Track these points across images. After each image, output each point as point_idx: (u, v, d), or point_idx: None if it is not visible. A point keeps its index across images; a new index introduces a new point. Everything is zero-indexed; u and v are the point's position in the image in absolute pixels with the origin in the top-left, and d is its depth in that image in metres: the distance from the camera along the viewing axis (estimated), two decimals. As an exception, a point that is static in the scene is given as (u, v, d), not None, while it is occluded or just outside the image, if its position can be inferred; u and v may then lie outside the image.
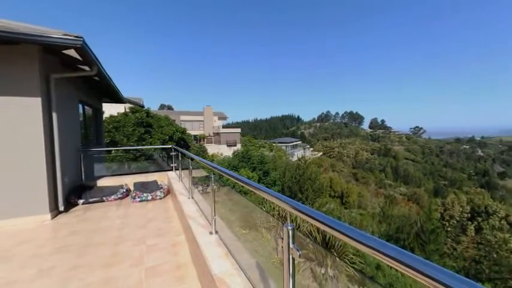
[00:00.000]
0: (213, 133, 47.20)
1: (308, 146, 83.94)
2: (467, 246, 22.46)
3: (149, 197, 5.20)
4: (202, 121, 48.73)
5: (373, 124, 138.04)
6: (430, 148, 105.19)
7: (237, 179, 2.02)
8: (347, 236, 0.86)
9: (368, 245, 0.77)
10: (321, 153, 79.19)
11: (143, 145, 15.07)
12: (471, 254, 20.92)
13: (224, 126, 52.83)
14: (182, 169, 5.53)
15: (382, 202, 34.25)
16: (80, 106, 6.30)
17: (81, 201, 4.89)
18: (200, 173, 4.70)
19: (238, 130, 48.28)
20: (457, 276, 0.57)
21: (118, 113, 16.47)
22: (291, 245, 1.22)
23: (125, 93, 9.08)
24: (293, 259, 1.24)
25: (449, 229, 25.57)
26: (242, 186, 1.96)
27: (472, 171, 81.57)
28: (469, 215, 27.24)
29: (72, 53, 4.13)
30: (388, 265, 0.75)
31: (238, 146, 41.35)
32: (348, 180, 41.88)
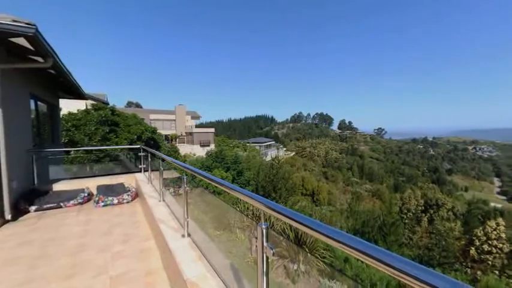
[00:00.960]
0: (186, 133, 45.75)
1: (281, 146, 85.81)
2: (422, 236, 24.97)
3: (115, 201, 4.85)
4: (174, 120, 46.94)
5: (342, 125, 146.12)
6: (391, 148, 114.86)
7: (210, 179, 1.99)
8: (318, 232, 0.90)
9: (337, 239, 0.81)
10: (294, 153, 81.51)
11: (108, 145, 14.00)
12: (425, 242, 23.30)
13: (197, 126, 51.53)
14: (152, 170, 5.26)
15: (350, 199, 36.49)
16: (32, 101, 5.63)
17: (33, 208, 4.37)
18: (172, 174, 4.52)
19: (212, 130, 47.48)
20: (412, 263, 0.63)
21: (78, 110, 15.07)
22: (264, 244, 1.23)
23: (88, 88, 8.35)
24: (267, 258, 1.25)
25: (406, 221, 28.17)
26: (216, 187, 1.93)
27: (425, 169, 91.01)
28: (423, 207, 30.32)
29: (22, 41, 3.67)
30: (355, 257, 0.81)
31: (212, 146, 40.68)
32: (318, 179, 43.74)
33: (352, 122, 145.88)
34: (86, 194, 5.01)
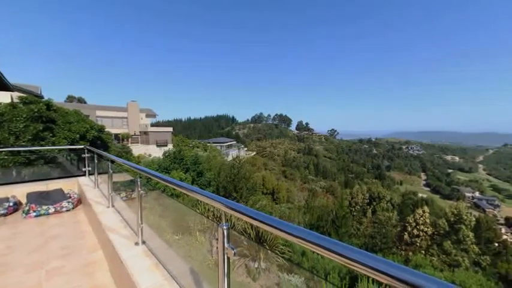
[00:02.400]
0: (140, 132, 42.31)
1: (242, 146, 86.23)
2: (367, 226, 28.02)
3: (51, 210, 4.20)
4: (126, 118, 42.95)
5: (299, 126, 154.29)
6: (342, 147, 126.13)
7: (167, 181, 1.88)
8: (277, 229, 0.93)
9: (294, 234, 0.86)
10: (255, 152, 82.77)
11: (42, 146, 12.01)
12: (369, 231, 26.20)
13: (153, 125, 48.13)
14: (99, 174, 4.71)
15: (306, 195, 38.76)
16: None
17: None
18: (123, 177, 4.13)
19: (170, 129, 44.95)
20: (359, 250, 0.71)
21: (1, 104, 12.55)
22: (225, 245, 1.23)
23: (17, 79, 7.02)
24: (228, 258, 1.25)
25: (354, 213, 31.27)
26: (174, 189, 1.84)
27: (369, 166, 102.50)
28: (368, 200, 34.08)
29: None
30: (311, 250, 0.86)
31: (170, 146, 38.50)
32: (278, 178, 45.35)
33: (309, 123, 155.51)
34: (10, 204, 4.21)
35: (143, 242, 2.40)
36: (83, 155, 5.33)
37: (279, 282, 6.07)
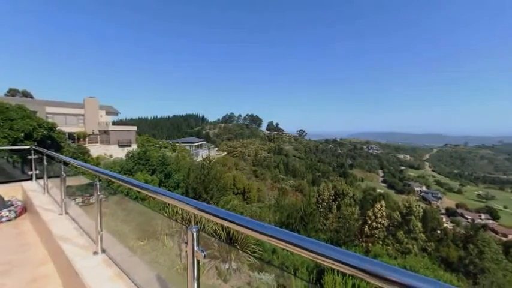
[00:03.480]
0: (99, 131, 38.82)
1: (213, 146, 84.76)
2: (332, 221, 29.71)
3: (-13, 221, 3.62)
4: (83, 115, 39.06)
5: (270, 126, 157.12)
6: (310, 147, 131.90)
7: (131, 184, 1.76)
8: (248, 228, 0.94)
9: (265, 233, 0.88)
10: (225, 152, 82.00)
11: (-26, 146, 10.29)
12: (335, 226, 27.84)
13: (115, 123, 44.56)
14: (49, 177, 4.20)
15: (277, 194, 39.64)
16: None
17: None
18: (79, 181, 3.75)
19: (134, 128, 42.10)
20: (325, 245, 0.75)
21: None
22: (195, 248, 1.19)
23: None
24: (198, 261, 1.22)
25: (321, 210, 32.92)
26: (138, 192, 1.73)
27: (335, 164, 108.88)
28: (333, 197, 36.15)
29: None
30: (281, 247, 0.89)
31: (134, 147, 36.06)
32: (249, 177, 45.61)
33: (279, 123, 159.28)
34: None
35: (103, 251, 2.21)
36: (29, 157, 4.71)
37: (250, 282, 6.11)
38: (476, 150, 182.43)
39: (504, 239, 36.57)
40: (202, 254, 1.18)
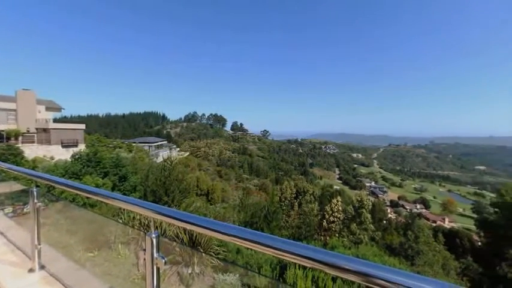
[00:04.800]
0: (37, 129, 33.63)
1: (175, 146, 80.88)
2: (294, 218, 31.05)
3: None
4: (14, 110, 33.32)
5: (234, 126, 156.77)
6: (273, 147, 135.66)
7: (77, 189, 1.57)
8: (211, 229, 0.93)
9: (228, 233, 0.88)
10: (188, 153, 79.05)
11: None
12: (296, 222, 29.14)
13: (57, 121, 39.11)
14: (-33, 184, 3.47)
15: (241, 194, 39.76)
16: None
17: None
18: (9, 188, 3.20)
19: (82, 126, 37.58)
20: (285, 240, 0.79)
21: None
22: (155, 255, 1.13)
23: None
24: (158, 269, 1.15)
25: (284, 207, 34.14)
26: (87, 198, 1.56)
27: (296, 164, 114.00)
28: (295, 195, 37.84)
29: None
30: (245, 247, 0.90)
31: (82, 147, 32.19)
32: (213, 178, 44.77)
33: (243, 123, 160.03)
34: None
35: (42, 267, 1.92)
36: None
37: (214, 284, 6.01)
38: (413, 149, 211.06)
39: (434, 224, 43.08)
40: (163, 261, 1.12)
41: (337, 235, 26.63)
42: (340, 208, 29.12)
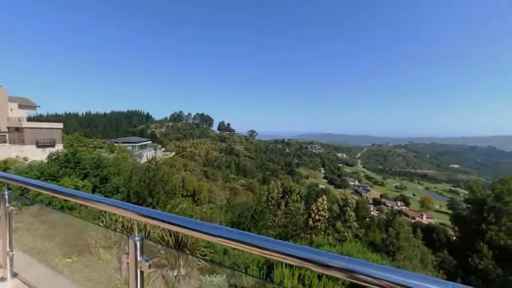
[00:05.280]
0: (9, 128, 31.54)
1: (160, 146, 78.94)
2: (281, 217, 31.33)
3: None
4: (-17, 108, 31.04)
5: (221, 126, 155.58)
6: (260, 147, 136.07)
7: (55, 191, 1.49)
8: (197, 231, 0.91)
9: (214, 234, 0.87)
10: (174, 153, 77.44)
11: None
12: (283, 222, 29.42)
13: (32, 119, 36.89)
14: None
15: (228, 194, 39.52)
16: None
17: None
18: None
19: (60, 125, 35.70)
20: (272, 240, 0.79)
21: None
22: (138, 258, 1.09)
23: None
24: (142, 273, 1.12)
25: (271, 207, 34.34)
26: (65, 201, 1.48)
27: (283, 163, 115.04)
28: (282, 194, 38.19)
29: None
30: (232, 247, 0.90)
31: (59, 147, 30.59)
32: (199, 178, 44.15)
33: (230, 123, 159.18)
34: None
35: (14, 275, 1.81)
36: None
37: (201, 286, 5.93)
38: (394, 149, 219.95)
39: (413, 220, 45.17)
40: (147, 264, 1.09)
41: (322, 233, 27.18)
42: (326, 207, 29.75)
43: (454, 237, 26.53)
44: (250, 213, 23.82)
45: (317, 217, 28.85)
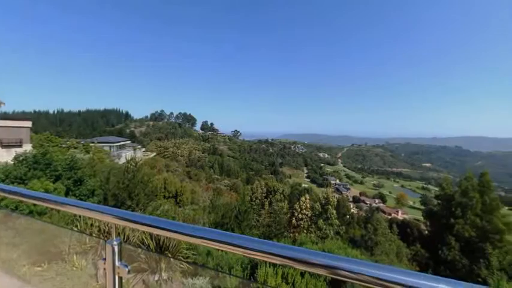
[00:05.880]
0: (-33, 126, 28.72)
1: (140, 146, 76.09)
2: (265, 217, 31.52)
3: None
4: None
5: (204, 126, 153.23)
6: (244, 147, 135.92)
7: (22, 195, 1.38)
8: (179, 233, 0.89)
9: (197, 236, 0.85)
10: (155, 153, 75.03)
11: None
12: (267, 221, 29.61)
13: (-5, 117, 33.86)
14: None
15: (211, 195, 39.03)
16: None
17: None
18: None
19: (28, 124, 33.08)
20: (256, 239, 0.79)
21: None
22: (117, 264, 1.05)
23: None
24: (120, 278, 1.07)
25: (255, 207, 34.43)
26: (34, 205, 1.38)
27: (267, 163, 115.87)
28: (266, 194, 38.46)
29: None
30: (215, 248, 0.89)
31: (28, 147, 28.38)
32: (182, 179, 43.12)
33: (214, 123, 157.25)
34: None
35: (-26, 288, 1.65)
36: None
37: (183, 289, 5.80)
38: (372, 149, 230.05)
39: (389, 217, 47.49)
40: (126, 269, 1.05)
41: (305, 231, 27.75)
42: (308, 205, 30.40)
43: (426, 231, 28.29)
44: (234, 214, 23.70)
45: (300, 216, 29.39)
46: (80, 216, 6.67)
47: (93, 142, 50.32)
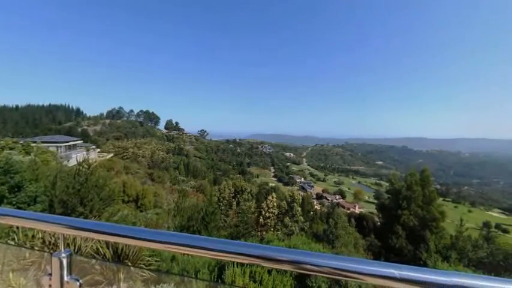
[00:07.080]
0: None
1: (94, 147, 69.03)
2: (233, 217, 31.37)
3: None
4: None
5: (169, 125, 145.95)
6: (211, 147, 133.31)
7: None
8: (139, 239, 0.83)
9: (160, 241, 0.80)
10: (112, 154, 68.88)
11: None
12: (234, 221, 29.48)
13: None
14: None
15: (176, 197, 37.36)
16: None
17: None
18: None
19: None
20: (223, 240, 0.78)
21: None
22: (65, 278, 0.93)
23: None
24: (69, 294, 0.95)
25: (222, 208, 34.02)
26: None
27: (234, 163, 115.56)
28: (233, 194, 38.28)
29: None
30: (180, 253, 0.85)
31: None
32: (143, 182, 40.42)
33: (179, 122, 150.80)
34: None
35: None
36: None
37: (145, 299, 5.43)
38: (333, 148, 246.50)
39: (348, 211, 51.44)
40: (77, 284, 0.94)
41: (272, 229, 28.39)
42: (275, 204, 31.15)
43: (379, 223, 31.32)
44: (200, 215, 23.03)
45: (267, 214, 29.96)
46: (17, 228, 5.81)
47: (35, 142, 43.97)
